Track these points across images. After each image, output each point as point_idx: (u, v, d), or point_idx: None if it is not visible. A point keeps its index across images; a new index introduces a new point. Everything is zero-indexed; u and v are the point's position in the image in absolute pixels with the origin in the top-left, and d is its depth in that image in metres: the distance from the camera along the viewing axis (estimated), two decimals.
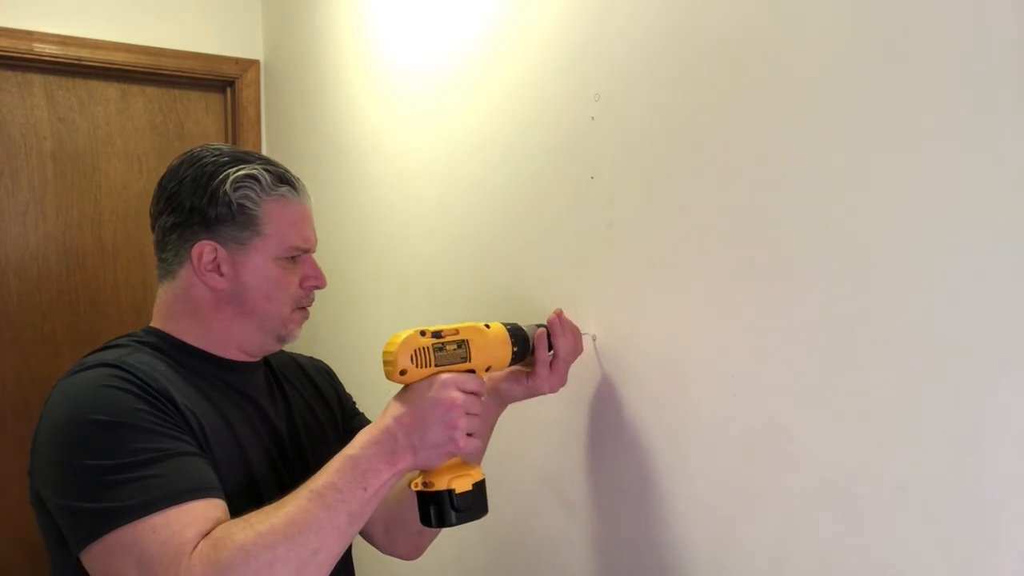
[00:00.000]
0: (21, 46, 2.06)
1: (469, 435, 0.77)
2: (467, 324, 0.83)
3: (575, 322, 1.04)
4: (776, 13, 0.75)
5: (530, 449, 1.15)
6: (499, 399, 0.98)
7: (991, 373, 0.59)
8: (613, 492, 0.98)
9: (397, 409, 0.77)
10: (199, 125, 2.38)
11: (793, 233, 0.74)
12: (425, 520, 0.79)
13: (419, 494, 0.79)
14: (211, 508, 0.74)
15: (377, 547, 1.05)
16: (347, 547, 0.74)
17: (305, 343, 1.99)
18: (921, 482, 0.64)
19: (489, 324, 0.86)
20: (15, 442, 2.07)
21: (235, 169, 0.90)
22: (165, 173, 0.93)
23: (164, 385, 0.82)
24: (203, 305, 0.91)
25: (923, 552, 0.64)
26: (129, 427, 0.76)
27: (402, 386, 0.79)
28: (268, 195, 0.91)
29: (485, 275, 1.20)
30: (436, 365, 0.78)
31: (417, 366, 0.77)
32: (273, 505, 0.73)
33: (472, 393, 0.78)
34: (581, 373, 1.03)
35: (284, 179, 0.93)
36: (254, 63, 2.39)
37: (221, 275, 0.90)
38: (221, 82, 2.37)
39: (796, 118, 0.74)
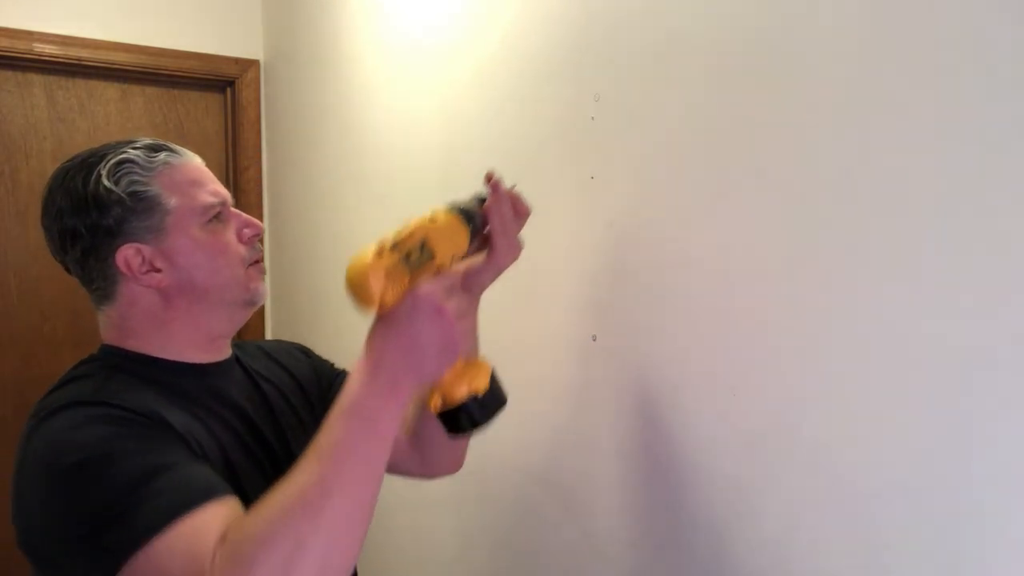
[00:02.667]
0: (21, 46, 2.07)
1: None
2: (415, 223, 0.77)
3: (576, 323, 1.04)
4: (777, 13, 0.75)
5: (530, 449, 1.15)
6: (473, 294, 0.91)
7: (993, 373, 0.59)
8: (613, 492, 0.98)
9: (385, 338, 0.70)
10: (199, 125, 2.38)
11: (795, 233, 0.74)
12: (457, 430, 0.76)
13: (444, 415, 0.76)
14: (222, 508, 0.68)
15: (418, 478, 1.03)
16: (378, 491, 0.68)
17: (306, 335, 1.99)
18: (922, 482, 0.64)
19: (434, 217, 0.80)
20: (15, 442, 2.06)
21: (102, 164, 0.83)
22: (42, 217, 0.86)
23: (152, 407, 0.77)
24: (156, 311, 0.85)
25: (923, 552, 0.64)
26: (119, 453, 0.70)
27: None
28: (151, 169, 0.83)
29: None
30: (410, 276, 0.72)
31: (394, 286, 0.71)
32: (281, 484, 0.67)
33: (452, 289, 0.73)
34: (581, 373, 1.03)
35: (157, 147, 0.86)
36: (254, 63, 2.39)
37: (158, 271, 0.83)
38: (221, 82, 2.37)
39: (797, 118, 0.74)
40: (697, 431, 0.86)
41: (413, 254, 0.73)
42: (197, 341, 0.88)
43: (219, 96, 2.41)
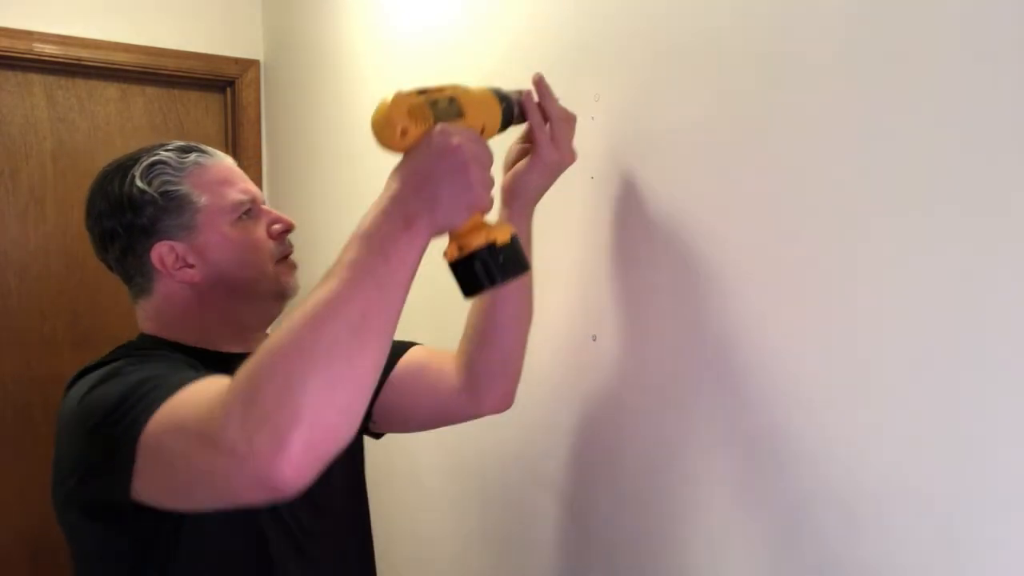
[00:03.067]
0: (21, 46, 2.06)
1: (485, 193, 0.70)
2: (446, 83, 0.76)
3: (576, 323, 1.04)
4: (777, 13, 0.75)
5: (530, 449, 1.15)
6: (523, 201, 0.92)
7: (993, 373, 0.59)
8: (613, 492, 0.98)
9: (400, 173, 0.70)
10: (199, 125, 2.38)
11: (795, 232, 0.74)
12: (472, 285, 0.72)
13: (457, 263, 0.72)
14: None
15: (469, 418, 1.01)
16: (391, 327, 0.65)
17: None
18: (921, 482, 0.64)
19: (467, 87, 0.79)
20: (15, 442, 2.07)
21: (136, 166, 0.87)
22: (85, 219, 0.91)
23: (186, 361, 0.81)
24: (191, 304, 0.88)
25: (923, 552, 0.64)
26: (127, 371, 0.74)
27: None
28: (182, 170, 0.88)
29: None
30: (434, 120, 0.71)
31: (416, 124, 0.70)
32: None
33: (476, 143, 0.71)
34: (581, 373, 1.03)
35: (188, 148, 0.90)
36: (254, 63, 2.39)
37: (191, 267, 0.87)
38: (221, 82, 2.37)
39: (798, 117, 0.74)
40: (697, 431, 0.86)
41: (440, 103, 0.72)
42: (230, 333, 0.91)
43: (219, 96, 2.41)
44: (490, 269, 0.71)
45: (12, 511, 2.06)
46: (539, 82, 0.88)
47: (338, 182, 1.87)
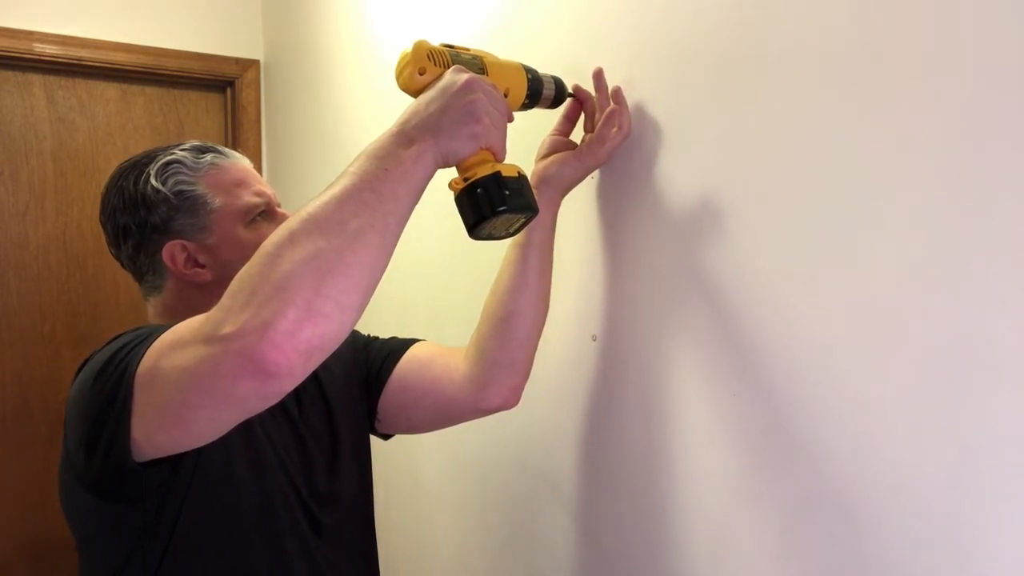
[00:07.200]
0: (21, 46, 2.06)
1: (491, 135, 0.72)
2: (473, 48, 0.80)
3: (576, 323, 1.04)
4: (777, 14, 0.75)
5: (530, 449, 1.15)
6: (553, 190, 0.94)
7: (992, 372, 0.59)
8: (613, 492, 0.98)
9: (412, 104, 0.73)
10: (199, 125, 2.38)
11: (792, 233, 0.74)
12: (477, 213, 0.72)
13: (461, 192, 0.72)
14: None
15: (474, 415, 0.99)
16: (387, 235, 0.67)
17: None
18: (921, 482, 0.64)
19: (496, 56, 0.82)
20: (15, 442, 2.07)
21: (152, 165, 0.88)
22: (100, 214, 0.91)
23: None
24: (200, 303, 0.86)
25: (922, 552, 0.64)
26: (130, 332, 0.74)
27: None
28: (198, 170, 0.88)
29: (483, 274, 1.20)
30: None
31: (434, 65, 0.73)
32: None
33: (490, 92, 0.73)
34: (581, 373, 1.03)
35: (205, 149, 0.91)
36: (254, 63, 2.39)
37: (202, 266, 0.88)
38: (221, 82, 2.37)
39: (796, 117, 0.74)
40: (697, 432, 0.86)
41: (463, 56, 0.75)
42: None
43: (219, 96, 2.41)
44: (492, 196, 0.71)
45: (11, 510, 2.06)
46: (598, 75, 0.90)
47: None
